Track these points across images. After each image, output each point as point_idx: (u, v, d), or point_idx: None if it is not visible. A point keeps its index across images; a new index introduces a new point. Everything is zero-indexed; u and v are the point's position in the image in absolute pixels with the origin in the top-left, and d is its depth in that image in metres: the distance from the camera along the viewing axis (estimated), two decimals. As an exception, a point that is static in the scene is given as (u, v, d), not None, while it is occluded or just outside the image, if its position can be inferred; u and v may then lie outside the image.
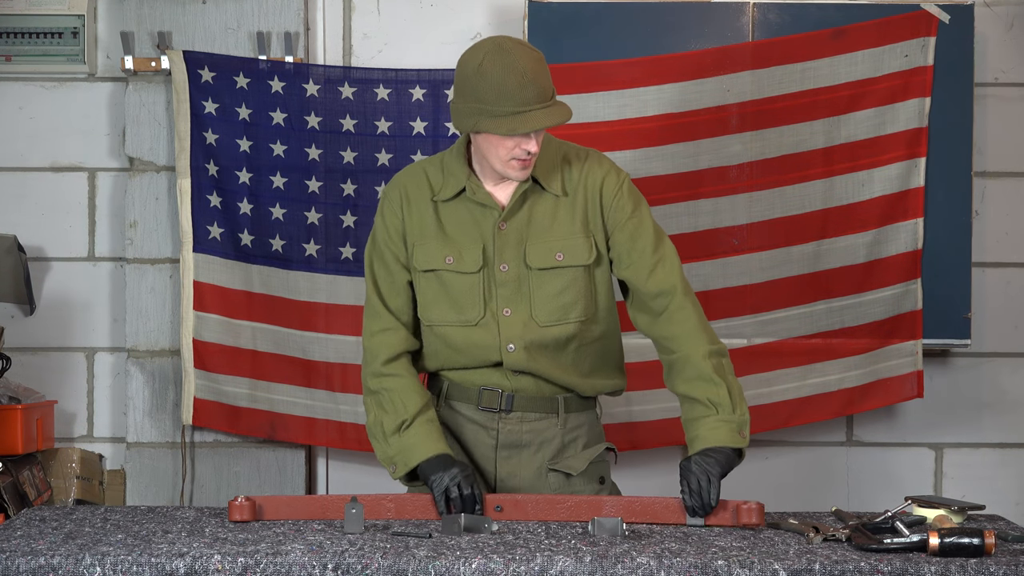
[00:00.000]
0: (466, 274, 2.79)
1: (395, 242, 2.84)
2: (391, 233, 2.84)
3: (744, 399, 2.78)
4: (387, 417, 2.79)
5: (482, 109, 2.66)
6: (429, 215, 2.82)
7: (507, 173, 2.74)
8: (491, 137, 2.70)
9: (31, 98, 4.31)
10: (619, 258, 2.83)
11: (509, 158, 2.70)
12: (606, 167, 2.84)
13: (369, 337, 2.86)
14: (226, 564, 2.24)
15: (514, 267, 2.79)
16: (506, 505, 2.70)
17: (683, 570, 2.23)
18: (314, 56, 4.27)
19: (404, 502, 2.70)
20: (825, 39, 4.10)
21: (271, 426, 4.17)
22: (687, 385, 2.78)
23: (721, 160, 4.13)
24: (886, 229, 4.13)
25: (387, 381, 2.81)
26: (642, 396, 4.13)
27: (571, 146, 2.88)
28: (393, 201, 2.85)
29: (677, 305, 2.82)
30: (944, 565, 2.24)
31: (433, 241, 2.81)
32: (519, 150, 2.69)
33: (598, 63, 4.10)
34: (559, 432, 2.87)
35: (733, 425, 2.71)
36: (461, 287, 2.79)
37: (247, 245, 4.14)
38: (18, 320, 4.30)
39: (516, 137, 2.68)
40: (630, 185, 2.84)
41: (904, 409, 4.31)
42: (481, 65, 2.66)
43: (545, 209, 2.81)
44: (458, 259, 2.79)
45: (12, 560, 2.25)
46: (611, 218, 2.82)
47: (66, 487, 4.21)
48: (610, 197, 2.82)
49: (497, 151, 2.71)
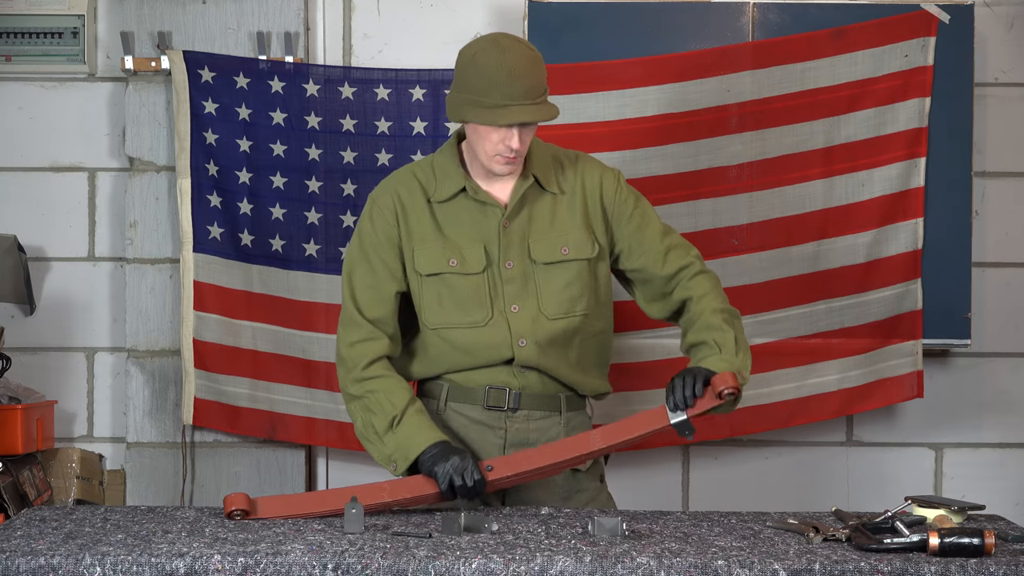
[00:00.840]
0: (471, 275, 2.80)
1: (386, 251, 2.83)
2: (382, 241, 2.83)
3: (749, 354, 2.83)
4: (376, 417, 2.79)
5: (471, 99, 2.72)
6: (426, 218, 2.83)
7: (491, 167, 2.77)
8: (479, 128, 2.74)
9: (31, 98, 4.31)
10: (629, 249, 2.87)
11: (494, 152, 2.75)
12: (600, 166, 2.91)
13: (348, 347, 2.84)
14: (226, 564, 2.24)
15: (519, 263, 2.80)
16: (497, 464, 2.71)
17: (683, 570, 2.23)
18: (314, 56, 4.27)
19: (398, 483, 2.71)
20: (825, 39, 4.10)
21: (271, 426, 4.17)
22: (696, 335, 2.83)
23: (721, 160, 4.12)
24: (886, 229, 4.13)
25: (370, 384, 2.81)
26: (642, 396, 4.13)
27: (558, 148, 2.94)
28: (385, 208, 2.84)
29: (692, 274, 2.89)
30: (944, 565, 2.24)
31: (433, 244, 2.81)
32: (503, 145, 2.74)
33: (598, 63, 4.10)
34: (562, 430, 2.89)
35: (733, 366, 2.75)
36: (467, 288, 2.80)
37: (247, 245, 4.14)
38: (18, 320, 4.30)
39: (501, 131, 2.72)
40: (626, 181, 2.92)
41: (904, 409, 4.31)
42: (475, 56, 2.73)
43: (544, 207, 2.84)
44: (461, 261, 2.80)
45: (12, 560, 2.25)
46: (615, 212, 2.86)
47: (66, 487, 4.21)
48: (611, 193, 2.87)
49: (483, 144, 2.75)
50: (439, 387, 2.89)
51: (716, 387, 2.69)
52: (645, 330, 4.08)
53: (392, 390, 2.80)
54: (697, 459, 4.31)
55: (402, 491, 2.69)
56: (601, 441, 2.74)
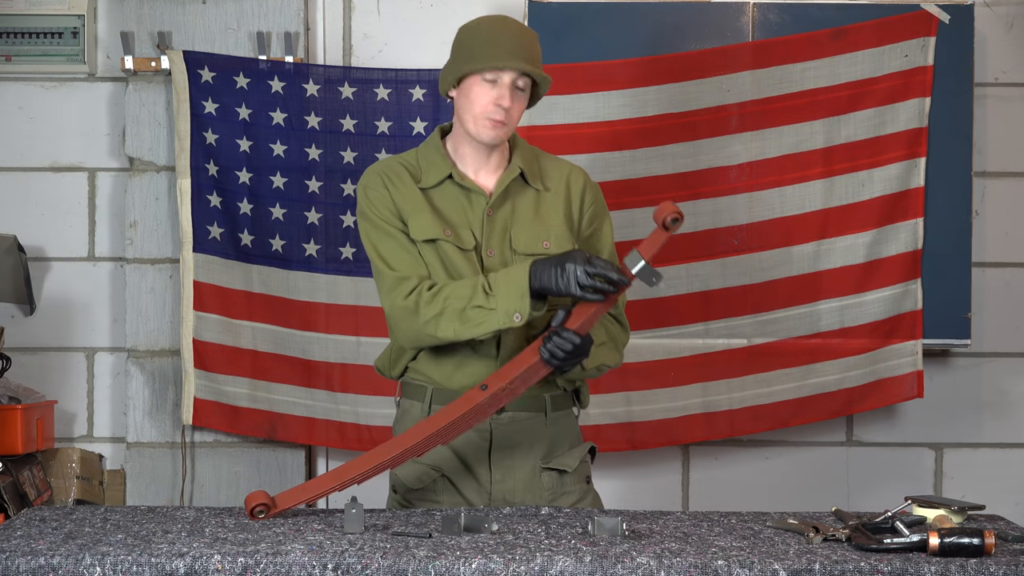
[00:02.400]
0: (464, 250, 2.81)
1: (392, 219, 2.83)
2: (381, 208, 2.83)
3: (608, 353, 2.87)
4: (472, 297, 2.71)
5: (468, 56, 2.78)
6: (416, 194, 2.84)
7: (480, 133, 2.79)
8: (471, 91, 2.78)
9: (31, 98, 4.31)
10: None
11: (484, 115, 2.78)
12: (584, 174, 2.97)
13: (403, 299, 2.76)
14: (226, 564, 2.24)
15: (499, 252, 2.82)
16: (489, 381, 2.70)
17: (683, 570, 2.23)
18: (314, 56, 4.27)
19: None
20: (825, 39, 4.10)
21: (271, 426, 4.17)
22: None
23: (721, 160, 4.13)
24: (886, 229, 4.13)
25: (442, 292, 2.74)
26: (642, 396, 4.13)
27: (543, 152, 2.99)
28: (374, 181, 2.87)
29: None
30: (944, 565, 2.24)
31: (426, 214, 2.82)
32: (493, 106, 2.77)
33: (598, 63, 4.10)
34: (547, 431, 2.88)
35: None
36: (460, 262, 2.80)
37: (247, 245, 4.14)
38: (18, 320, 4.30)
39: (494, 91, 2.76)
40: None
41: (904, 409, 4.31)
42: (479, 24, 2.84)
43: (527, 201, 2.87)
44: (455, 235, 2.81)
45: (12, 560, 2.25)
46: (585, 219, 2.91)
47: (66, 487, 4.21)
48: (590, 200, 2.94)
49: (473, 106, 2.79)
50: (422, 390, 2.88)
51: (658, 217, 2.64)
52: (645, 330, 4.08)
53: (459, 282, 2.74)
54: (697, 459, 4.32)
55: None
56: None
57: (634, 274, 2.67)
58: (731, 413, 4.15)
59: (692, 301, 4.13)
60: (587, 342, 2.71)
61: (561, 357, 2.68)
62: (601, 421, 4.09)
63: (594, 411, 4.01)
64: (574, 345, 2.67)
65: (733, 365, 4.15)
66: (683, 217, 2.66)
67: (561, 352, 2.67)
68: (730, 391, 4.15)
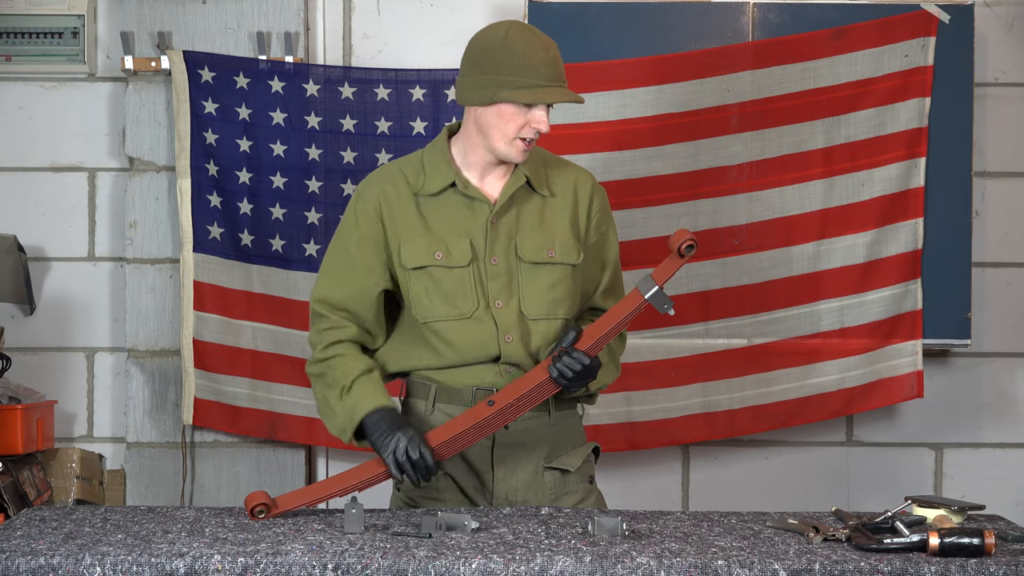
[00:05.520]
0: (456, 268, 2.79)
1: (366, 248, 2.81)
2: (363, 239, 2.82)
3: (614, 368, 2.93)
4: (330, 390, 2.81)
5: (503, 80, 2.70)
6: (411, 212, 2.82)
7: (509, 154, 2.75)
8: (504, 112, 2.72)
9: (31, 98, 4.31)
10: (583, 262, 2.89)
11: (516, 137, 2.73)
12: (591, 177, 2.93)
13: (314, 335, 2.86)
14: (226, 564, 2.24)
15: (504, 260, 2.80)
16: (496, 398, 2.71)
17: (683, 570, 2.23)
18: (314, 56, 4.27)
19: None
20: (825, 39, 4.10)
21: (271, 426, 4.17)
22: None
23: (721, 160, 4.13)
24: (886, 229, 4.13)
25: (328, 362, 2.82)
26: (642, 396, 4.13)
27: (548, 152, 2.95)
28: (369, 204, 2.82)
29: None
30: (944, 565, 2.24)
31: (419, 238, 2.80)
32: (529, 128, 2.73)
33: (598, 63, 4.10)
34: (550, 431, 2.87)
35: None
36: (452, 281, 2.79)
37: (247, 245, 4.14)
38: (18, 320, 4.30)
39: (531, 114, 2.71)
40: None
41: (904, 409, 4.31)
42: (507, 38, 2.71)
43: (533, 208, 2.84)
44: (446, 254, 2.79)
45: (12, 560, 2.25)
46: (592, 224, 2.87)
47: (66, 487, 4.21)
48: (597, 207, 2.91)
49: (506, 128, 2.73)
50: (426, 388, 2.88)
51: (673, 244, 2.66)
52: (645, 330, 4.08)
53: (348, 361, 2.80)
54: (697, 459, 4.32)
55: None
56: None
57: (647, 299, 2.68)
58: (731, 413, 4.15)
59: (692, 301, 4.13)
60: (596, 364, 2.74)
61: (570, 377, 2.70)
62: (601, 421, 4.09)
63: (594, 411, 4.01)
64: (583, 366, 2.70)
65: (733, 365, 4.15)
66: (698, 244, 2.68)
67: (570, 372, 2.70)
68: (730, 391, 4.15)
